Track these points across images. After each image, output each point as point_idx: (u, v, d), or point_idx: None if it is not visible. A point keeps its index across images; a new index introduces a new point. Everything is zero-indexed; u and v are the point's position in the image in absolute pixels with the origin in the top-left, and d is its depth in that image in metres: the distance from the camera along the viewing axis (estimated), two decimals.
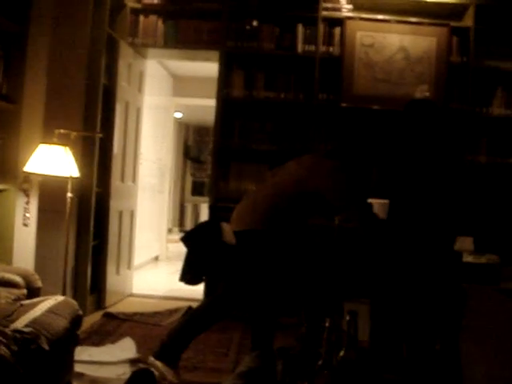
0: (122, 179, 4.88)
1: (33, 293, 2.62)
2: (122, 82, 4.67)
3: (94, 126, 4.25)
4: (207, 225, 3.40)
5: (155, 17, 4.80)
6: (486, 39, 4.59)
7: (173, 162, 8.63)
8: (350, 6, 4.67)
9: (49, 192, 3.65)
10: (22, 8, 3.21)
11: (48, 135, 3.41)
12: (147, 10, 4.82)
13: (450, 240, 3.28)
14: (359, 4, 4.66)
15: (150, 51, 5.08)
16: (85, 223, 4.29)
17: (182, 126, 10.97)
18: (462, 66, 4.61)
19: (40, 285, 2.73)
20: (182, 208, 11.79)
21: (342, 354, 1.55)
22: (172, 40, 4.82)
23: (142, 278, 6.12)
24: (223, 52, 4.67)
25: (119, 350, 3.45)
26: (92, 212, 4.33)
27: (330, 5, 4.67)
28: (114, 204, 4.66)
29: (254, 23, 4.71)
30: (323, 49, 4.65)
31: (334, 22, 4.66)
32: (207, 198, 5.43)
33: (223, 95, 4.67)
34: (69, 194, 3.45)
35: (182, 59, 5.71)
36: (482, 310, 2.42)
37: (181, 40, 4.81)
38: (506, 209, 4.45)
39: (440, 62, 4.58)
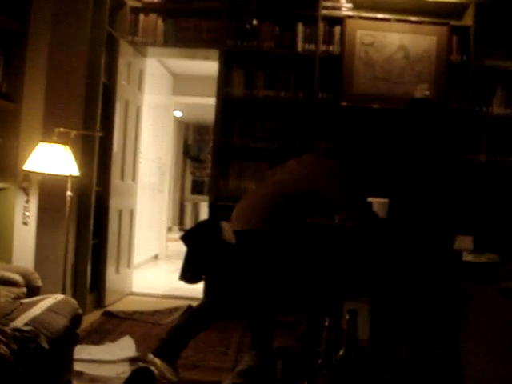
0: (122, 178, 4.88)
1: (32, 291, 2.62)
2: (121, 81, 4.67)
3: (94, 124, 4.25)
4: (207, 224, 3.41)
5: (155, 15, 4.80)
6: (486, 38, 4.60)
7: (172, 161, 8.63)
8: (350, 5, 4.68)
9: (48, 191, 3.65)
10: (22, 6, 3.21)
11: (48, 134, 3.41)
12: (147, 9, 4.82)
13: (449, 239, 3.28)
14: (359, 3, 4.67)
15: (150, 50, 5.09)
16: (84, 222, 4.29)
17: (182, 124, 10.96)
18: (461, 65, 4.62)
19: (40, 283, 2.72)
20: (181, 207, 11.79)
21: (341, 353, 1.55)
22: (172, 39, 4.82)
23: (142, 276, 6.12)
24: (223, 51, 4.67)
25: (119, 348, 3.45)
26: (92, 211, 4.33)
27: (329, 3, 4.67)
28: (114, 203, 4.66)
29: (254, 22, 4.71)
30: (323, 48, 4.66)
31: (334, 21, 4.66)
32: (207, 197, 5.42)
33: (223, 94, 4.67)
34: (68, 193, 3.45)
35: (181, 58, 5.70)
36: (482, 309, 2.42)
37: (181, 39, 4.81)
38: (505, 208, 4.46)
39: (440, 60, 4.58)
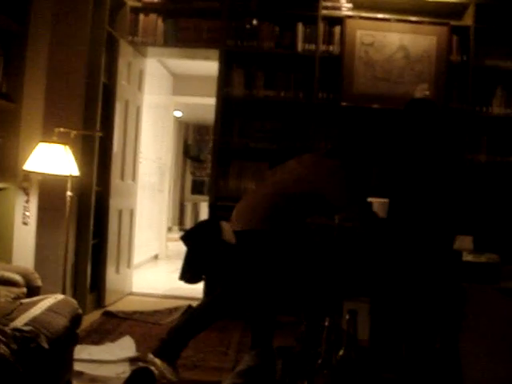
0: (122, 178, 4.88)
1: (32, 291, 2.62)
2: (121, 81, 4.67)
3: (94, 124, 4.25)
4: (207, 223, 3.41)
5: (155, 15, 4.80)
6: (486, 38, 4.59)
7: (173, 161, 8.63)
8: (350, 5, 4.68)
9: (48, 191, 3.65)
10: (22, 6, 3.21)
11: (48, 134, 3.41)
12: (147, 9, 4.82)
13: (449, 239, 3.28)
14: (359, 3, 4.67)
15: (150, 50, 5.09)
16: (84, 222, 4.29)
17: (182, 124, 10.96)
18: (461, 64, 4.62)
19: (40, 283, 2.72)
20: (181, 207, 11.79)
21: (341, 353, 1.55)
22: (172, 39, 4.82)
23: (142, 276, 6.12)
24: (223, 51, 4.67)
25: (119, 348, 3.45)
26: (92, 211, 4.33)
27: (329, 3, 4.67)
28: (114, 203, 4.66)
29: (254, 22, 4.71)
30: (323, 47, 4.66)
31: (334, 21, 4.66)
32: (207, 197, 5.42)
33: (223, 94, 4.67)
34: (68, 193, 3.45)
35: (181, 58, 5.70)
36: (482, 310, 2.42)
37: (181, 39, 4.81)
38: (505, 207, 4.45)
39: (440, 60, 4.58)
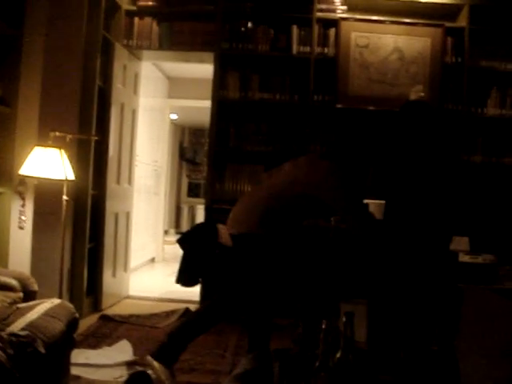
0: (118, 181, 4.87)
1: (29, 296, 2.62)
2: (117, 84, 4.67)
3: (90, 128, 4.25)
4: (203, 226, 3.40)
5: (150, 19, 4.81)
6: (481, 39, 4.61)
7: (168, 164, 8.62)
8: (345, 7, 4.69)
9: (44, 195, 3.64)
10: (17, 11, 3.21)
11: (43, 138, 3.40)
12: (142, 12, 4.83)
13: (445, 240, 3.29)
14: (354, 5, 4.68)
15: (145, 53, 5.09)
16: (81, 226, 4.28)
17: (178, 127, 10.96)
18: (456, 66, 4.63)
19: (36, 288, 2.72)
20: (177, 210, 11.79)
21: (338, 355, 1.55)
22: (167, 42, 4.83)
23: (139, 279, 6.11)
24: (218, 53, 4.67)
25: (116, 352, 3.45)
26: (88, 214, 4.32)
27: (324, 6, 4.68)
28: (110, 206, 4.65)
29: (249, 25, 4.72)
30: (318, 50, 4.67)
31: (329, 23, 4.67)
32: (203, 200, 5.42)
33: (218, 97, 4.67)
34: (64, 197, 3.44)
35: (176, 61, 5.70)
36: (479, 311, 2.42)
37: (175, 42, 4.82)
38: (501, 208, 4.47)
39: (435, 62, 4.60)
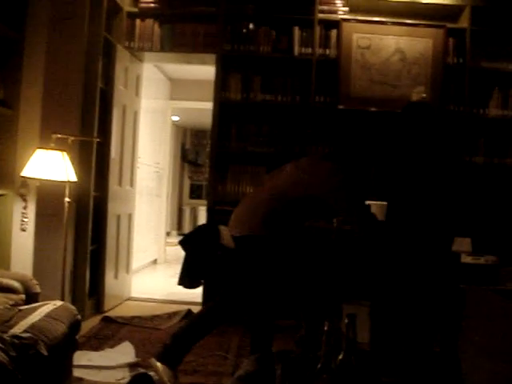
0: (120, 183, 4.88)
1: (31, 298, 2.62)
2: (119, 86, 4.68)
3: (92, 130, 4.25)
4: (205, 228, 3.40)
5: (151, 20, 4.81)
6: (482, 40, 4.61)
7: (170, 166, 8.62)
8: (346, 9, 4.69)
9: (46, 197, 3.65)
10: (19, 14, 3.21)
11: (45, 140, 3.41)
12: (144, 14, 4.83)
13: (447, 241, 3.28)
14: (355, 6, 4.68)
15: (147, 55, 5.09)
16: (83, 227, 4.29)
17: (180, 129, 10.97)
18: (458, 67, 4.63)
19: (38, 290, 2.72)
20: (179, 211, 11.79)
21: (340, 357, 1.55)
22: (168, 43, 4.83)
23: (141, 281, 6.11)
24: (220, 55, 4.68)
25: (118, 354, 3.45)
26: (90, 216, 4.33)
27: (326, 7, 4.68)
28: (112, 208, 4.65)
29: (251, 26, 4.72)
30: (320, 51, 4.66)
31: (331, 25, 4.67)
32: (205, 201, 5.42)
33: (220, 98, 4.67)
34: (66, 199, 3.44)
35: (178, 62, 5.69)
36: (481, 312, 2.42)
37: (177, 43, 4.82)
38: (503, 209, 4.46)
39: (436, 63, 4.59)
